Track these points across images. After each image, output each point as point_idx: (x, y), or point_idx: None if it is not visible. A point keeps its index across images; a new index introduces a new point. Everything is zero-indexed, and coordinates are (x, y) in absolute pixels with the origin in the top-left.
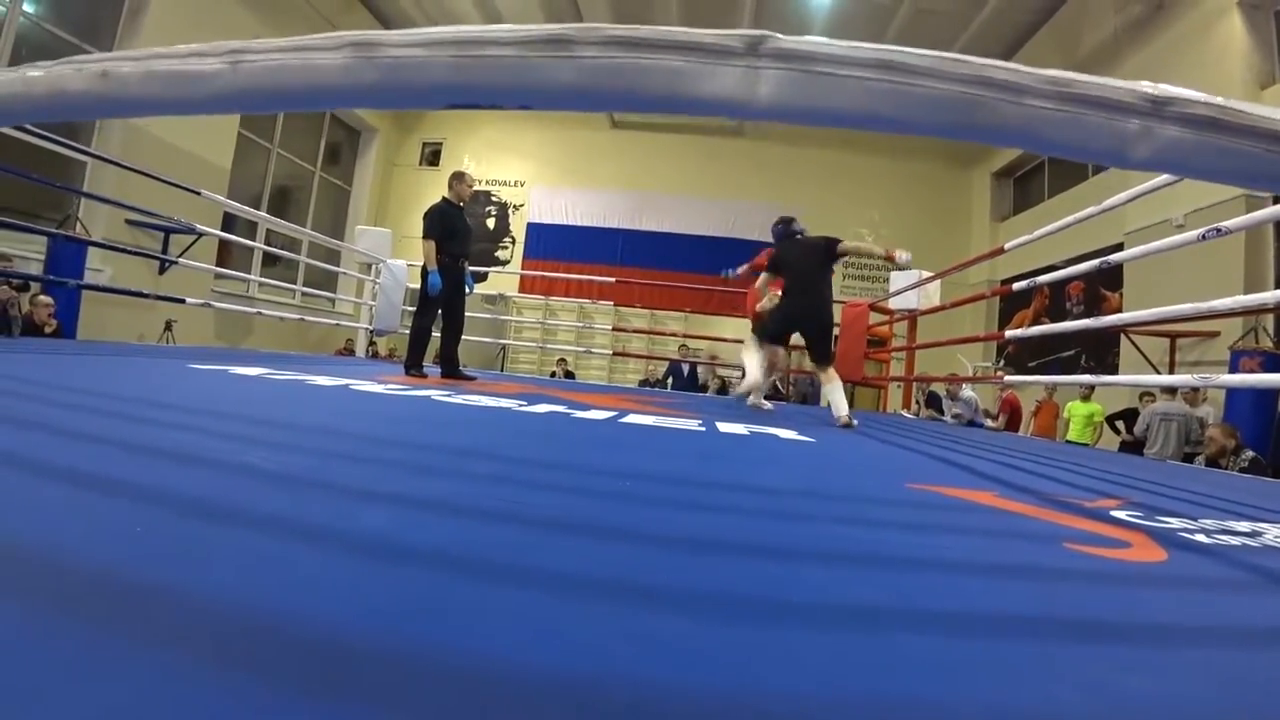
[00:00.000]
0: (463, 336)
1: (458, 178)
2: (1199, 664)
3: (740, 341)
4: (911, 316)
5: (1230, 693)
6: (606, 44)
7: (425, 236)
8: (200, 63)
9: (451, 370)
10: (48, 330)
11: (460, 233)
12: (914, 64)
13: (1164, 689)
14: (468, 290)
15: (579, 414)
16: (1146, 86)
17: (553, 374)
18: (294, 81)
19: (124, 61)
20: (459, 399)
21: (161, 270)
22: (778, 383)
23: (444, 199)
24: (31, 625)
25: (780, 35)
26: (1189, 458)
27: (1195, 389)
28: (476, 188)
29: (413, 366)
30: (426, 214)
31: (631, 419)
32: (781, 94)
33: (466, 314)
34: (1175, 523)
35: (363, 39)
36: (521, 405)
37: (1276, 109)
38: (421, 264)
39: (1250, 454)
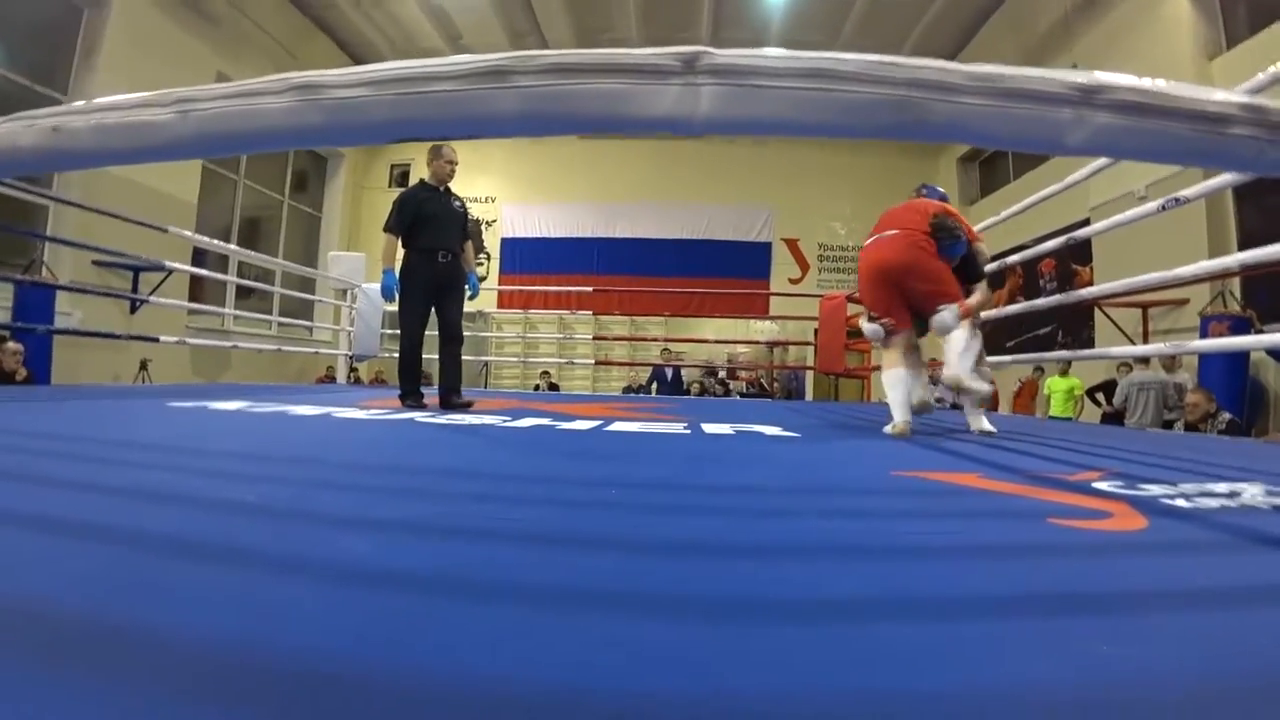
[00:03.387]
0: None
1: (434, 153)
2: (1179, 628)
3: (722, 342)
4: None
5: (1210, 653)
6: (544, 72)
7: (384, 228)
8: (150, 113)
9: (444, 397)
10: (18, 378)
11: (432, 220)
12: (845, 70)
13: (1146, 655)
14: (469, 292)
15: (564, 425)
16: (1076, 76)
17: (536, 387)
18: (242, 127)
19: (74, 116)
20: (442, 419)
21: (133, 309)
22: (763, 380)
23: (420, 181)
24: (11, 673)
25: (715, 50)
26: (1168, 424)
27: (1171, 356)
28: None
29: (405, 395)
30: (395, 200)
31: (617, 426)
32: (720, 108)
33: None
34: (1156, 489)
35: (305, 81)
36: (506, 421)
37: (1199, 89)
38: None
39: (1227, 416)
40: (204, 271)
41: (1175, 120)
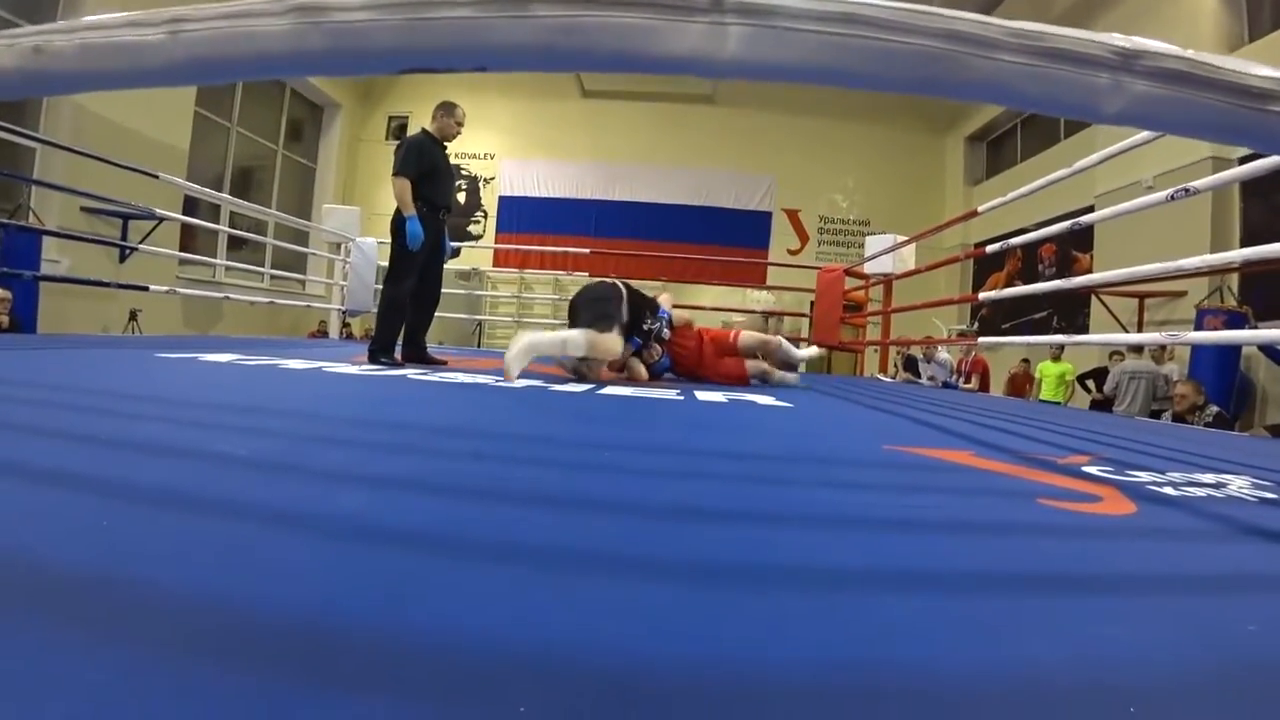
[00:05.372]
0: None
1: (446, 109)
2: (1167, 611)
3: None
4: (887, 281)
5: (1196, 637)
6: (565, 1)
7: (397, 173)
8: (138, 33)
9: (416, 353)
10: (2, 327)
11: (442, 176)
12: (880, 18)
13: (1134, 636)
14: (446, 255)
15: (557, 387)
16: (1117, 39)
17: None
18: (237, 50)
19: (57, 35)
20: (435, 377)
21: (123, 258)
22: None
23: (424, 131)
24: None
25: None
26: (1156, 414)
27: (1162, 347)
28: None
29: (383, 351)
30: (400, 145)
31: (610, 390)
32: (746, 50)
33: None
34: (1144, 476)
35: (308, 3)
36: (498, 381)
37: (1243, 62)
38: (394, 213)
39: (1215, 409)
40: (196, 221)
41: (1215, 93)
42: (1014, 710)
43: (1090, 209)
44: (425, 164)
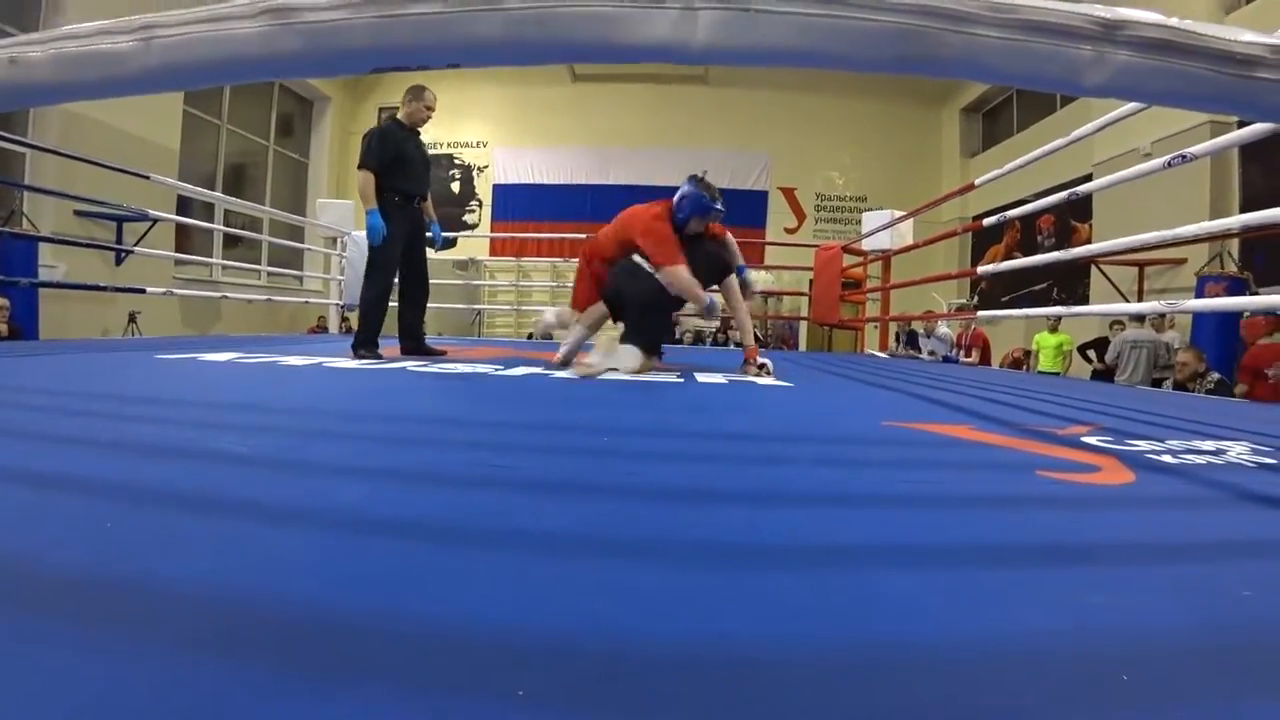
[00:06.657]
0: (429, 304)
1: (414, 94)
2: (1163, 579)
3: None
4: (885, 257)
5: (1191, 604)
6: None
7: (360, 165)
8: (110, 41)
9: (415, 345)
10: (1, 333)
11: (412, 163)
12: None
13: (1129, 605)
14: (436, 244)
15: (557, 374)
16: (1099, 10)
17: (529, 335)
18: (211, 55)
19: (32, 46)
20: (435, 368)
21: (119, 261)
22: (756, 330)
23: (392, 119)
24: (7, 628)
25: None
26: (1158, 382)
27: (1163, 315)
28: (439, 151)
29: (362, 345)
30: (364, 136)
31: (610, 375)
32: (719, 35)
33: (434, 280)
34: (1143, 445)
35: (279, 4)
36: (499, 369)
37: (1227, 28)
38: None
39: (1216, 376)
40: (190, 220)
41: (1200, 61)
42: (1011, 681)
43: (1088, 178)
44: (389, 153)
